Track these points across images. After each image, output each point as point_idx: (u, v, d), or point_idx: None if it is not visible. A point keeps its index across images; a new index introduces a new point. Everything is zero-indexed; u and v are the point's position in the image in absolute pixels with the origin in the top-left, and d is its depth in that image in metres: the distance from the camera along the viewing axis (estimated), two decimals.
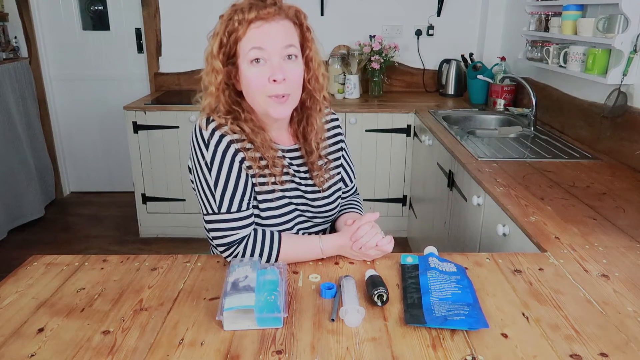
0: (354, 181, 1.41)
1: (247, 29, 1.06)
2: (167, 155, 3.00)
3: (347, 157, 1.37)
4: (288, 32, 1.09)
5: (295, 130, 1.24)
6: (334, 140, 1.32)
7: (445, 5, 3.34)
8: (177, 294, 1.01)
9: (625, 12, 1.80)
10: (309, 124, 1.21)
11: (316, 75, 1.17)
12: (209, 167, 1.11)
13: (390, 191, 3.09)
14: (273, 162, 1.15)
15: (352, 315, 0.89)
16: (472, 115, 2.81)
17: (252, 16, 1.05)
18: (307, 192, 1.23)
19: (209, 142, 1.10)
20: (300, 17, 1.13)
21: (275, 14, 1.07)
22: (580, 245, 1.21)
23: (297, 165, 1.22)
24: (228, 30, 1.08)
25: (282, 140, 1.22)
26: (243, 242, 1.11)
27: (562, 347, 0.84)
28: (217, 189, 1.11)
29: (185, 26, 3.39)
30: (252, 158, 1.13)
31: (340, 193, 1.31)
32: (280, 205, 1.18)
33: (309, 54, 1.15)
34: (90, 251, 3.01)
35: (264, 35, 1.07)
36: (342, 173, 1.34)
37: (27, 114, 3.39)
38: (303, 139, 1.23)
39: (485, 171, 1.74)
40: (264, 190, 1.16)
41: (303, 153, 1.23)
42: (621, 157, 1.89)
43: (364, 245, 1.11)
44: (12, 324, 0.91)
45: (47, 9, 3.48)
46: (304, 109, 1.21)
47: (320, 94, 1.19)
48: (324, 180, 1.25)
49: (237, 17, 1.06)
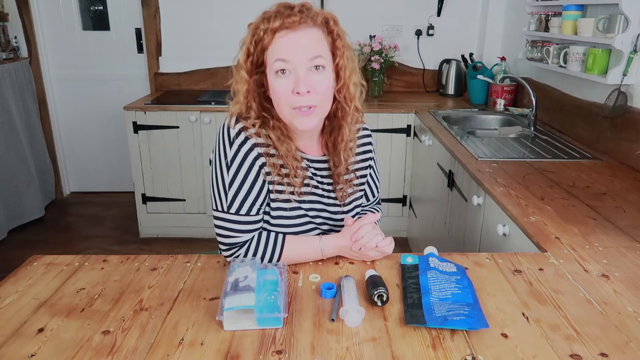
0: (377, 195, 1.38)
1: (272, 39, 1.02)
2: (167, 155, 3.00)
3: (374, 174, 1.34)
4: (315, 41, 1.04)
5: (325, 140, 1.20)
6: (363, 154, 1.28)
7: (445, 5, 3.34)
8: (177, 294, 1.01)
9: (625, 12, 1.80)
10: (339, 135, 1.16)
11: (347, 85, 1.11)
12: (228, 165, 1.10)
13: (390, 191, 3.09)
14: (295, 172, 1.12)
15: (352, 315, 0.89)
16: (472, 115, 2.81)
17: (276, 25, 1.01)
18: (329, 204, 1.21)
19: (234, 141, 1.09)
20: (330, 24, 1.07)
21: (301, 22, 1.02)
22: (580, 245, 1.20)
23: (321, 176, 1.20)
24: (255, 40, 1.05)
25: (311, 150, 1.19)
26: (245, 245, 1.11)
27: (562, 347, 0.84)
28: (231, 188, 1.10)
29: (185, 26, 3.39)
30: (273, 164, 1.11)
31: (360, 209, 1.29)
32: (294, 216, 1.17)
33: (340, 63, 1.09)
34: (90, 251, 3.00)
35: (289, 45, 1.02)
36: (366, 189, 1.31)
37: (27, 114, 3.39)
38: (333, 150, 1.18)
39: (485, 171, 1.74)
40: (280, 198, 1.14)
41: (330, 165, 1.20)
42: (621, 157, 1.89)
43: (364, 246, 1.10)
44: (12, 324, 0.91)
45: (47, 9, 3.48)
46: (335, 120, 1.16)
47: (352, 104, 1.13)
48: (346, 195, 1.22)
49: (263, 26, 1.03)
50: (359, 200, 1.28)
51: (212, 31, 3.36)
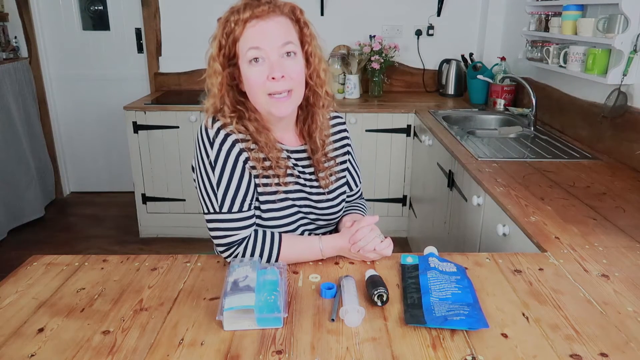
0: (359, 185, 1.40)
1: (243, 29, 1.07)
2: (167, 155, 3.00)
3: (353, 162, 1.37)
4: (285, 29, 1.09)
5: (300, 129, 1.23)
6: (340, 141, 1.31)
7: (445, 5, 3.34)
8: (177, 294, 1.01)
9: (625, 12, 1.80)
10: (314, 121, 1.21)
11: (317, 70, 1.16)
12: (212, 165, 1.10)
13: (390, 191, 3.09)
14: (277, 162, 1.15)
15: (352, 315, 0.89)
16: (472, 115, 2.81)
17: (247, 15, 1.05)
18: (311, 194, 1.22)
19: (214, 141, 1.10)
20: (297, 13, 1.12)
21: (270, 12, 1.07)
22: (580, 245, 1.21)
23: (302, 166, 1.22)
24: (226, 32, 1.08)
25: (289, 140, 1.22)
26: (243, 243, 1.11)
27: (562, 347, 0.84)
28: (219, 188, 1.10)
29: (185, 26, 3.39)
30: (256, 158, 1.13)
31: (345, 197, 1.31)
32: (283, 207, 1.18)
33: (309, 49, 1.14)
34: (90, 251, 3.00)
35: (260, 33, 1.07)
36: (347, 177, 1.33)
37: (27, 114, 3.39)
38: (308, 137, 1.22)
39: (485, 171, 1.74)
40: (267, 191, 1.15)
41: (309, 152, 1.23)
42: (621, 157, 1.89)
43: (362, 248, 1.11)
44: (12, 324, 0.91)
45: (47, 9, 3.48)
46: (308, 106, 1.21)
47: (323, 89, 1.18)
48: (329, 182, 1.24)
49: (233, 18, 1.07)
50: (342, 188, 1.29)
51: (212, 31, 3.35)
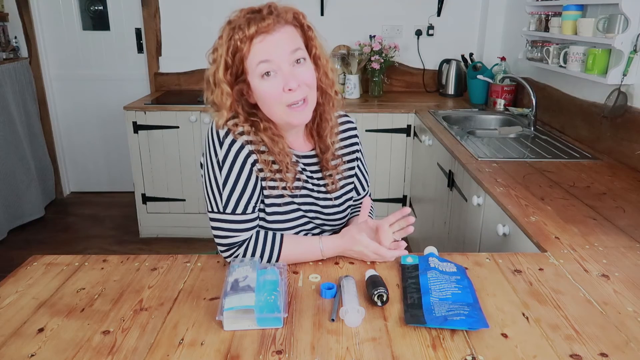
0: (367, 189, 1.39)
1: (250, 45, 1.04)
2: (167, 155, 3.00)
3: (363, 167, 1.36)
4: (291, 37, 1.08)
5: (310, 129, 1.22)
6: (349, 142, 1.30)
7: (445, 5, 3.34)
8: (177, 294, 1.01)
9: (625, 12, 1.80)
10: (323, 120, 1.20)
11: (325, 71, 1.16)
12: (220, 165, 1.10)
13: (390, 191, 3.09)
14: (287, 168, 1.14)
15: (352, 315, 0.89)
16: (472, 115, 2.81)
17: (252, 31, 1.03)
18: (318, 199, 1.22)
19: (224, 141, 1.10)
20: (300, 18, 1.11)
21: (275, 24, 1.04)
22: (580, 245, 1.21)
23: (310, 171, 1.21)
24: (231, 51, 1.06)
25: (298, 145, 1.21)
26: (244, 245, 1.11)
27: (562, 347, 0.84)
28: (225, 188, 1.10)
29: (185, 26, 3.39)
30: (264, 161, 1.12)
31: (351, 202, 1.31)
32: (288, 211, 1.18)
33: (316, 52, 1.14)
34: (90, 251, 3.00)
35: (268, 47, 1.05)
36: (355, 182, 1.32)
37: (27, 114, 3.39)
38: (318, 137, 1.22)
39: (485, 171, 1.74)
40: (273, 194, 1.15)
41: (318, 152, 1.22)
42: (621, 157, 1.89)
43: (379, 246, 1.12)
44: (12, 324, 0.91)
45: (47, 9, 3.48)
46: (318, 107, 1.20)
47: (332, 89, 1.18)
48: (337, 187, 1.24)
49: (237, 36, 1.04)
50: (349, 193, 1.29)
51: (212, 31, 3.29)
